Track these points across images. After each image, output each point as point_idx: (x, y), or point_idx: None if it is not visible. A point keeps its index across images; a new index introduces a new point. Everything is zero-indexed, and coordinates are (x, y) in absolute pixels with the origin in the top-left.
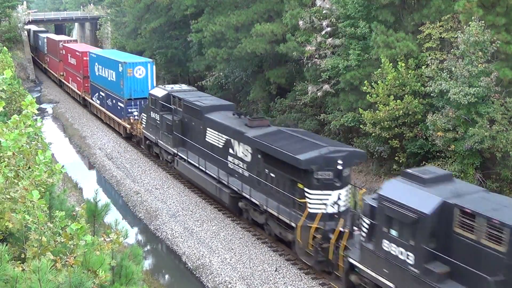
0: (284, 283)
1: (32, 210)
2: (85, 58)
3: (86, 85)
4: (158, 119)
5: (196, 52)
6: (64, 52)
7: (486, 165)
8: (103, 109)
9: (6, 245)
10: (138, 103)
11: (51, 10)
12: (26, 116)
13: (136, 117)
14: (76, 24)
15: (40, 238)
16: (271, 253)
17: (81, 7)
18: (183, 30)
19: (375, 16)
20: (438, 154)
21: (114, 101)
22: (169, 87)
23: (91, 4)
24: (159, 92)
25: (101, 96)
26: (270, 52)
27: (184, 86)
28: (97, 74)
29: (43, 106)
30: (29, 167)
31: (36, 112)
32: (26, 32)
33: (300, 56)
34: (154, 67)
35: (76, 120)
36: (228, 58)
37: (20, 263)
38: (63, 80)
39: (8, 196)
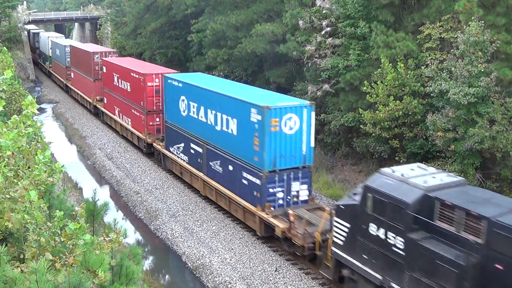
0: (284, 283)
1: (30, 210)
2: (150, 84)
3: (152, 124)
4: (400, 246)
5: (196, 52)
6: (105, 70)
7: (486, 165)
8: (201, 175)
9: (6, 245)
10: (284, 177)
11: (51, 10)
12: (26, 116)
13: (279, 204)
14: (76, 24)
15: (38, 238)
16: (271, 253)
17: (81, 7)
18: (183, 30)
19: (375, 16)
20: (438, 154)
21: (233, 169)
22: (408, 171)
23: (91, 4)
24: (401, 190)
25: (193, 152)
26: (270, 52)
27: (438, 173)
28: (183, 113)
29: (43, 106)
30: (29, 167)
31: (37, 112)
32: (26, 32)
33: (300, 56)
34: (313, 114)
35: (76, 120)
36: (228, 58)
37: (19, 264)
38: (102, 108)
39: (8, 196)
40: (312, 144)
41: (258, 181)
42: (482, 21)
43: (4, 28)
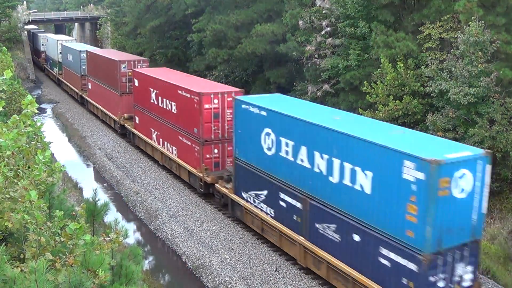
0: (284, 283)
1: (30, 210)
2: (207, 106)
3: (209, 157)
4: None
5: (196, 52)
6: (137, 83)
7: None
8: (300, 239)
9: (6, 245)
10: (449, 259)
11: (51, 10)
12: (26, 115)
13: None
14: (76, 24)
15: (38, 238)
16: (271, 253)
17: (81, 7)
18: (183, 30)
19: (375, 16)
20: None
21: (362, 241)
22: None
23: (91, 4)
24: None
25: (285, 205)
26: (270, 52)
27: None
28: (268, 151)
29: (43, 106)
30: (29, 167)
31: (36, 111)
32: (26, 32)
33: (300, 56)
34: (488, 169)
35: (76, 120)
36: (228, 58)
37: (19, 264)
38: (133, 130)
39: (8, 196)
40: (484, 210)
41: (413, 266)
42: (482, 21)
43: (4, 28)
